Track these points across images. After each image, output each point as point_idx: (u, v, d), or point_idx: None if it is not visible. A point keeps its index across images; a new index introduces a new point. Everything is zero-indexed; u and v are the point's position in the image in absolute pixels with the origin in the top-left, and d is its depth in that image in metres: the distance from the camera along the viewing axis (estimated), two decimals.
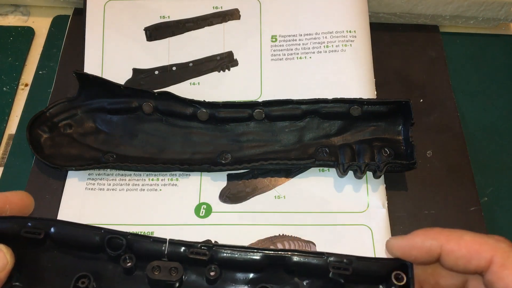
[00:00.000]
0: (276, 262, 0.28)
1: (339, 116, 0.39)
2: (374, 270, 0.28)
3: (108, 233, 0.28)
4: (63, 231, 0.28)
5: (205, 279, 0.28)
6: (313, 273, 0.29)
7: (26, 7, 0.50)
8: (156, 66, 0.43)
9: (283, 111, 0.40)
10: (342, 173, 0.38)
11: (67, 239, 0.28)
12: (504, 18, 0.48)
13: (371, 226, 0.37)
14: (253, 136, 0.40)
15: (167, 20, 0.44)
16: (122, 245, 0.28)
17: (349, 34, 0.43)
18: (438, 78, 0.46)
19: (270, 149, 0.40)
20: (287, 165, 0.38)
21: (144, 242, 0.28)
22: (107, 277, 0.28)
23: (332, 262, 0.28)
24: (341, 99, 0.39)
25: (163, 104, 0.40)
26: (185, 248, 0.28)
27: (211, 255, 0.28)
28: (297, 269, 0.28)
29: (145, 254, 0.28)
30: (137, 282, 0.28)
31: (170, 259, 0.28)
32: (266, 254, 0.28)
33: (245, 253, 0.28)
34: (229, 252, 0.28)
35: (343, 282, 0.28)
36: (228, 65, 0.43)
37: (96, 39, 0.44)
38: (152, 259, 0.28)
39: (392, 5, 0.46)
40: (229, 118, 0.40)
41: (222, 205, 0.38)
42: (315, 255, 0.28)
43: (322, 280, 0.29)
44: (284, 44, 0.44)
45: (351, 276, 0.28)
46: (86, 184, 0.39)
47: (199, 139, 0.40)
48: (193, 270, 0.28)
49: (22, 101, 0.44)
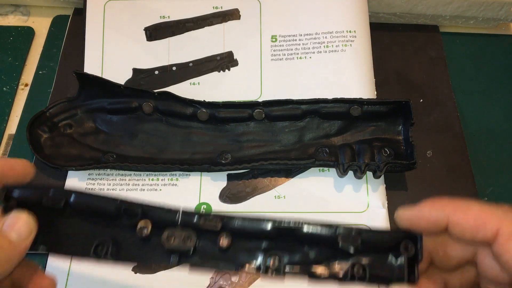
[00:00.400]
0: (287, 232, 0.29)
1: (339, 116, 0.39)
2: (383, 241, 0.29)
3: (124, 203, 0.29)
4: (82, 200, 0.29)
5: (218, 248, 0.29)
6: (323, 243, 0.29)
7: (26, 7, 0.50)
8: (156, 66, 0.43)
9: (283, 111, 0.40)
10: (342, 173, 0.38)
11: (86, 207, 0.29)
12: (504, 18, 0.48)
13: (371, 226, 0.37)
14: (253, 136, 0.40)
15: (167, 20, 0.44)
16: (137, 214, 0.29)
17: (349, 34, 0.43)
18: (438, 78, 0.46)
19: (270, 149, 0.40)
20: (287, 165, 0.38)
21: (158, 211, 0.29)
22: (124, 243, 0.30)
23: (341, 233, 0.28)
24: (341, 99, 0.39)
25: (163, 104, 0.40)
26: (198, 218, 0.29)
27: (222, 225, 0.29)
28: (307, 239, 0.29)
29: (160, 223, 0.29)
30: (153, 249, 0.29)
31: (184, 227, 0.29)
32: (277, 226, 0.29)
33: (257, 224, 0.29)
34: (241, 222, 0.29)
35: (352, 253, 0.28)
36: (228, 65, 0.43)
37: (96, 39, 0.44)
38: (167, 227, 0.29)
39: (392, 5, 0.46)
40: (229, 118, 0.40)
41: (222, 205, 0.38)
42: (325, 226, 0.28)
43: (331, 250, 0.29)
44: (284, 44, 0.44)
45: (360, 247, 0.28)
46: (86, 184, 0.39)
47: (199, 139, 0.40)
48: (206, 238, 0.29)
49: (22, 101, 0.44)
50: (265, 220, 0.29)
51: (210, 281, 0.35)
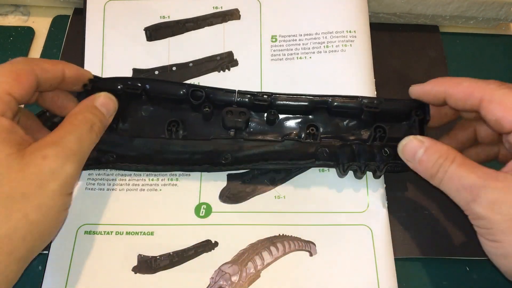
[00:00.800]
0: (321, 105, 0.36)
1: (348, 114, 0.39)
2: (398, 109, 0.36)
3: (191, 86, 0.35)
4: (156, 87, 0.36)
5: (266, 121, 0.36)
6: (350, 113, 0.36)
7: (26, 7, 0.50)
8: (156, 66, 0.43)
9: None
10: (342, 173, 0.38)
11: (159, 93, 0.36)
12: (504, 18, 0.48)
13: (371, 226, 0.37)
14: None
15: (167, 20, 0.44)
16: (202, 96, 0.35)
17: (349, 34, 0.43)
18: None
19: (270, 149, 0.40)
20: (287, 165, 0.38)
21: (218, 93, 0.36)
22: (190, 123, 0.36)
23: (365, 103, 0.36)
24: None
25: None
26: (250, 96, 0.35)
27: (270, 101, 0.35)
28: (337, 111, 0.36)
29: (220, 102, 0.35)
30: (213, 126, 0.36)
31: (239, 105, 0.35)
32: (312, 99, 0.36)
33: (296, 100, 0.36)
34: (284, 99, 0.36)
35: (373, 121, 0.36)
36: (228, 65, 0.43)
37: (96, 39, 0.44)
38: (225, 106, 0.35)
39: (392, 5, 0.46)
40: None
41: (222, 205, 0.38)
42: (352, 99, 0.36)
43: (357, 120, 0.37)
44: (284, 44, 0.44)
45: (379, 114, 0.36)
46: (86, 184, 0.39)
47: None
48: (257, 115, 0.36)
49: None
50: (303, 95, 0.36)
51: (210, 281, 0.35)
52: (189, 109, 0.36)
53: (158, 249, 0.36)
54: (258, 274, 0.36)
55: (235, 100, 0.35)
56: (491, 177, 0.29)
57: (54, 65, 0.33)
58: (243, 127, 0.36)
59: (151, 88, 0.36)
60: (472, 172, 0.30)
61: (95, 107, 0.33)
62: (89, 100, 0.33)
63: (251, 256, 0.36)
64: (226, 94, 0.35)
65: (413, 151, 0.33)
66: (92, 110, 0.33)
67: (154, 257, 0.36)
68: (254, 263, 0.36)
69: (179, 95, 0.35)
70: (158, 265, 0.36)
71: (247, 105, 0.36)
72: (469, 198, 0.30)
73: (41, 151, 0.28)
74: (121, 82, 0.35)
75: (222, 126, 0.36)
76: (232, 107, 0.35)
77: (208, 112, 0.35)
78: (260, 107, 0.36)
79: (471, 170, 0.30)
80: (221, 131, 0.36)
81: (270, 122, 0.36)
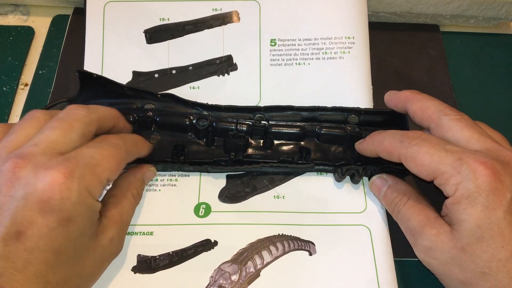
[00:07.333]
0: (311, 133, 0.40)
1: (337, 123, 0.40)
2: (380, 125, 0.40)
3: (197, 115, 0.39)
4: (165, 119, 0.39)
5: (263, 146, 0.40)
6: (336, 141, 0.40)
7: (26, 7, 0.50)
8: (156, 69, 0.43)
9: (283, 117, 0.40)
10: (340, 177, 0.38)
11: (168, 124, 0.39)
12: (504, 17, 0.48)
13: (369, 226, 0.37)
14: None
15: (167, 23, 0.44)
16: (206, 124, 0.39)
17: (347, 41, 0.43)
18: (439, 77, 0.46)
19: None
20: (287, 168, 0.39)
21: (222, 122, 0.39)
22: (194, 148, 0.39)
23: (349, 131, 0.39)
24: (340, 108, 0.40)
25: (165, 106, 0.40)
26: (249, 123, 0.39)
27: (266, 128, 0.39)
28: (325, 138, 0.40)
29: (222, 130, 0.39)
30: (215, 151, 0.39)
31: (239, 132, 0.39)
32: (303, 126, 0.40)
33: (289, 128, 0.40)
34: (278, 127, 0.40)
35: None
36: (228, 69, 0.43)
37: (96, 40, 0.43)
38: (227, 132, 0.39)
39: (392, 4, 0.46)
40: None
41: (222, 205, 0.38)
42: (337, 128, 0.40)
43: (343, 146, 0.40)
44: (283, 48, 0.44)
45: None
46: None
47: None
48: (255, 141, 0.40)
49: (22, 101, 0.44)
50: (296, 123, 0.40)
51: (210, 280, 0.35)
52: (193, 135, 0.40)
53: (158, 249, 0.36)
54: (257, 273, 0.36)
55: (236, 128, 0.39)
56: (428, 224, 0.32)
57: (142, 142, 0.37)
58: (242, 151, 0.39)
59: (161, 120, 0.39)
60: (416, 216, 0.33)
61: (144, 182, 0.37)
62: (140, 173, 0.37)
63: (250, 255, 0.36)
64: (227, 123, 0.39)
65: (378, 188, 0.37)
66: (142, 185, 0.37)
67: (154, 257, 0.36)
68: (254, 262, 0.36)
69: (185, 125, 0.39)
70: (158, 264, 0.36)
71: (246, 131, 0.39)
72: (412, 241, 0.33)
73: (107, 233, 0.32)
74: (135, 112, 0.39)
75: (223, 151, 0.39)
76: (233, 132, 0.38)
77: (210, 137, 0.39)
78: (258, 132, 0.39)
79: (416, 213, 0.33)
80: (222, 154, 0.39)
81: (266, 146, 0.39)
